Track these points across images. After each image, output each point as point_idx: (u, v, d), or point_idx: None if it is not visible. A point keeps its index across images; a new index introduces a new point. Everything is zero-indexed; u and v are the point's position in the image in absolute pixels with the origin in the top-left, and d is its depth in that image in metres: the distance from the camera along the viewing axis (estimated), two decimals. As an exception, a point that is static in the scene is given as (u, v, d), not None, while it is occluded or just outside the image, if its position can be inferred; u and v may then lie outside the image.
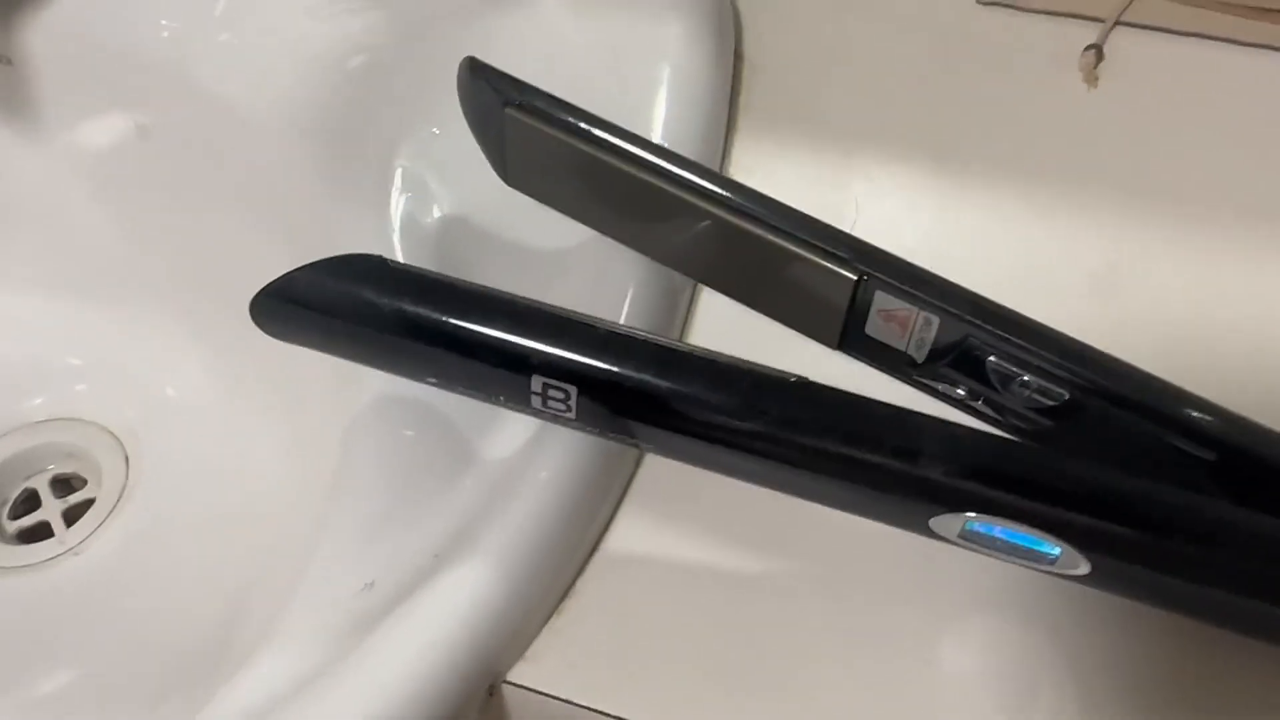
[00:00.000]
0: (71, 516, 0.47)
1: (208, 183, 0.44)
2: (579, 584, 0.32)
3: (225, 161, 0.43)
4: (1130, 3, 0.42)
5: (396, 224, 0.38)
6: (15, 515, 0.48)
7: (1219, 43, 0.42)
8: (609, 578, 0.32)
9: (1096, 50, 0.42)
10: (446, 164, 0.39)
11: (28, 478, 0.49)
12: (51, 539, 0.46)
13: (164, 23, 0.42)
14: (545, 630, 0.31)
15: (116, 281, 0.49)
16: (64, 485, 0.49)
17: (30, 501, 0.48)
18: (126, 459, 0.48)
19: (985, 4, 0.44)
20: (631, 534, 0.33)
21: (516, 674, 0.31)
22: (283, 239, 0.41)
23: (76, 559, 0.46)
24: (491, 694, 0.30)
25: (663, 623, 0.31)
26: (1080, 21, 0.43)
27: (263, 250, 0.43)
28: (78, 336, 0.50)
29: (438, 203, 0.38)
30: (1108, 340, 0.30)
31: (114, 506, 0.47)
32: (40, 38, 0.43)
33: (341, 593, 0.31)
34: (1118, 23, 0.42)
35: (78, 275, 0.49)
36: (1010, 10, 0.44)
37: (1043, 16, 0.44)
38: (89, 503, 0.47)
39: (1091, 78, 0.42)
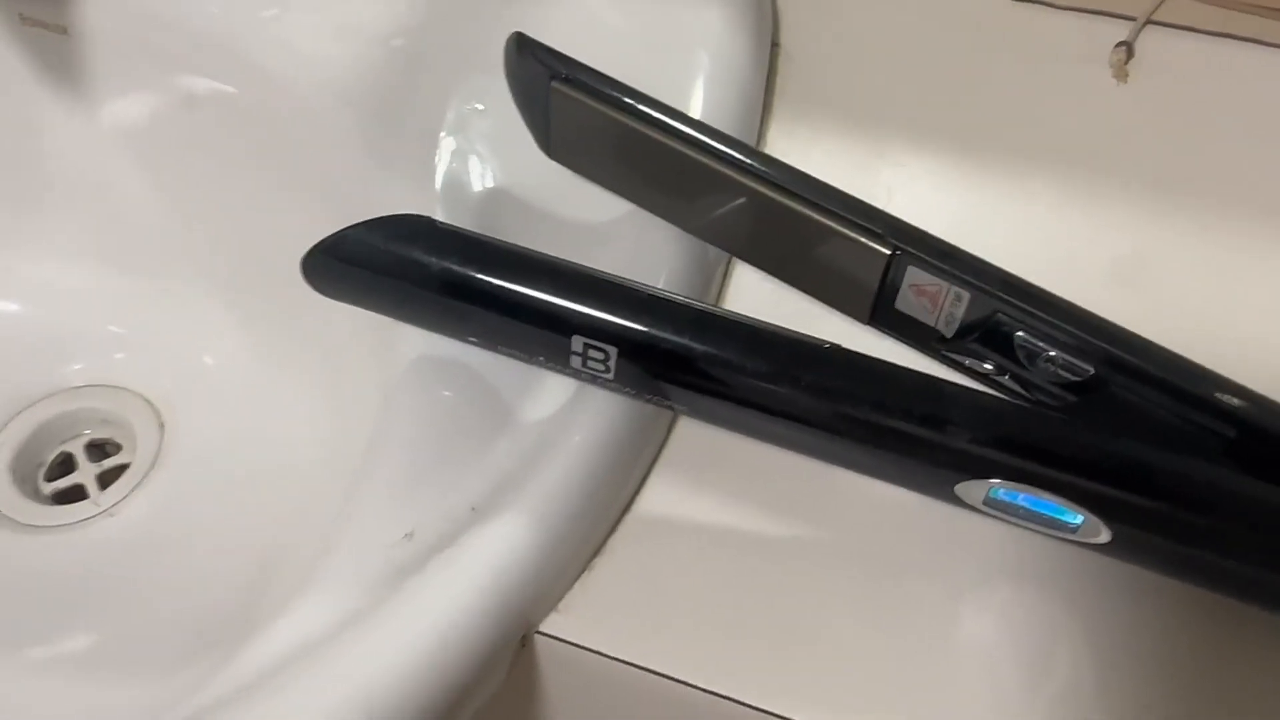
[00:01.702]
0: (106, 480, 0.48)
1: (252, 154, 0.45)
2: (610, 542, 0.33)
3: (270, 133, 0.44)
4: (1161, 2, 0.43)
5: (440, 195, 0.39)
6: (51, 478, 0.49)
7: (1247, 43, 0.42)
8: (640, 537, 0.33)
9: (1127, 47, 0.43)
10: (490, 138, 0.40)
11: (64, 441, 0.50)
12: (86, 501, 0.47)
13: (215, -4, 0.43)
14: (577, 585, 0.32)
15: (159, 251, 0.50)
16: (99, 450, 0.50)
17: (66, 465, 0.49)
18: (162, 425, 0.49)
19: (1018, 0, 0.45)
20: (663, 496, 0.34)
21: (549, 625, 0.31)
22: (326, 210, 0.42)
23: (110, 520, 0.47)
24: (524, 644, 0.31)
25: (690, 582, 0.32)
26: (1111, 19, 0.44)
27: (306, 221, 0.44)
28: (119, 304, 0.51)
29: (480, 175, 0.39)
30: (1129, 327, 0.30)
31: (148, 472, 0.48)
32: (95, 7, 0.44)
33: (381, 542, 0.31)
34: (1149, 21, 0.43)
35: (121, 244, 0.50)
36: (1043, 6, 0.45)
37: (1074, 13, 0.44)
38: (123, 467, 0.48)
39: (1122, 74, 0.42)
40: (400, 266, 0.31)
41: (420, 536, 0.32)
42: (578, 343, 0.31)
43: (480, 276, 0.31)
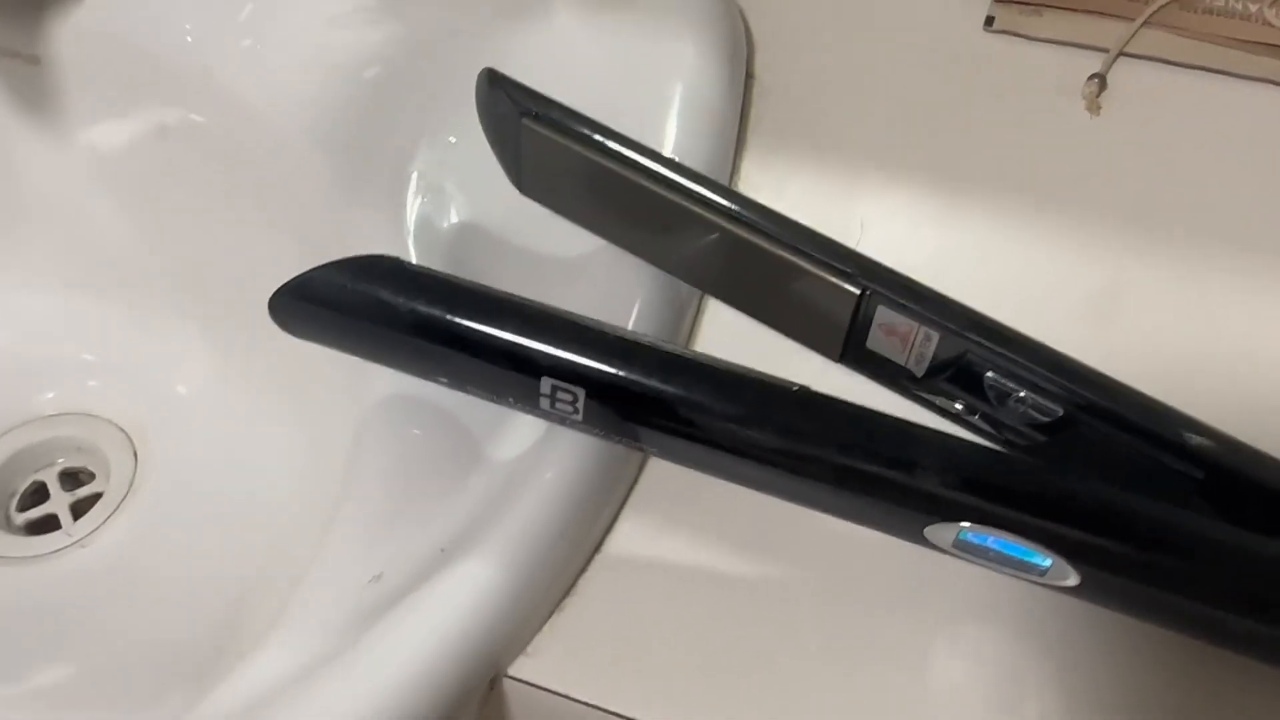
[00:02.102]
0: (79, 510, 0.48)
1: (225, 184, 0.45)
2: (580, 583, 0.33)
3: (243, 164, 0.43)
4: (1134, 34, 0.43)
5: (411, 229, 0.39)
6: (24, 507, 0.48)
7: (1218, 75, 0.43)
8: (610, 578, 0.33)
9: (1100, 79, 0.43)
10: (461, 171, 0.40)
11: (37, 470, 0.49)
12: (59, 531, 0.47)
13: (188, 26, 0.43)
14: (546, 627, 0.32)
15: (132, 280, 0.49)
16: (72, 479, 0.49)
17: (39, 494, 0.49)
18: (135, 454, 0.49)
19: (993, 31, 0.45)
20: (633, 536, 0.34)
21: (517, 668, 0.31)
22: (297, 241, 0.42)
23: (83, 551, 0.46)
24: (492, 687, 0.31)
25: (661, 622, 0.32)
26: (1085, 51, 0.44)
27: (277, 252, 0.44)
28: (92, 333, 0.50)
29: (452, 209, 0.39)
30: (1103, 362, 0.30)
31: (121, 501, 0.48)
32: (67, 37, 0.44)
33: (349, 584, 0.31)
34: (1121, 53, 0.43)
35: (94, 273, 0.50)
36: (1016, 38, 0.45)
37: (1048, 45, 0.45)
38: (96, 496, 0.48)
39: (1094, 106, 0.43)
40: (368, 308, 0.31)
41: (389, 578, 0.31)
42: (546, 384, 0.30)
43: (449, 318, 0.31)
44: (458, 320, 0.31)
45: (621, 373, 0.30)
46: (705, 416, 0.30)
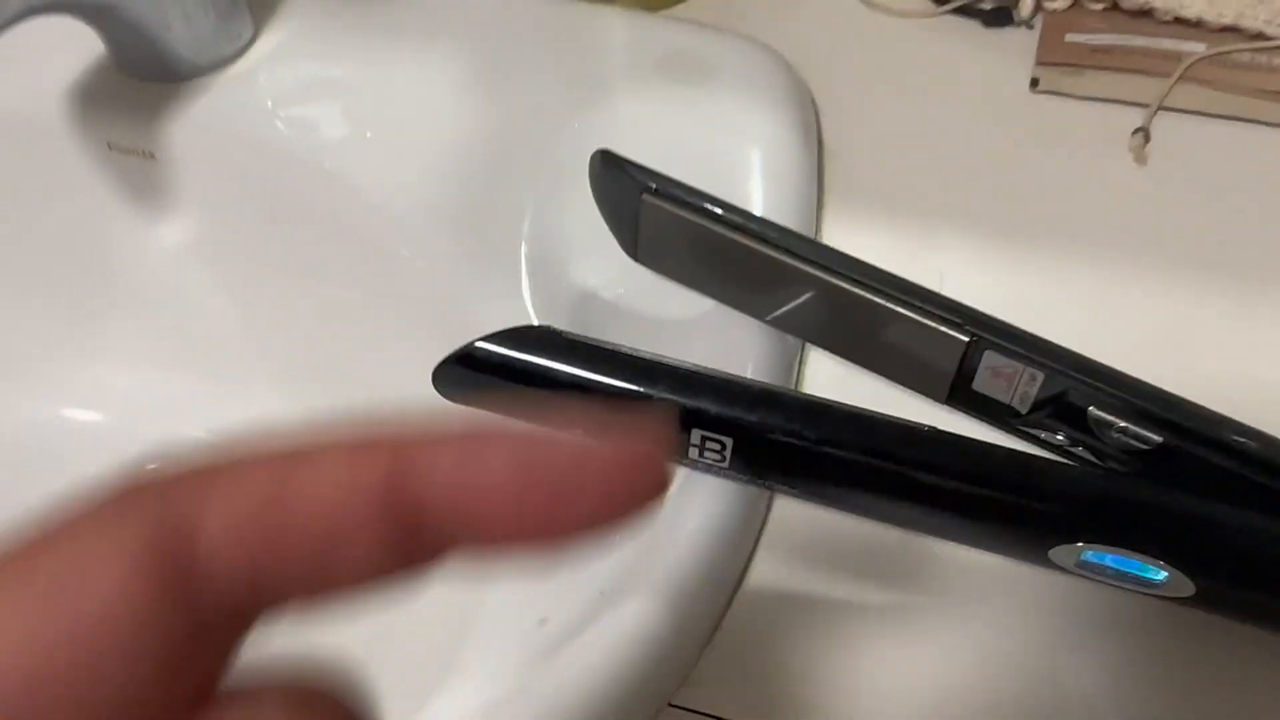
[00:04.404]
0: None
1: (335, 267, 0.48)
2: (726, 619, 0.36)
3: (357, 249, 0.46)
4: (1170, 90, 0.47)
5: (528, 300, 0.42)
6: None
7: (1253, 124, 0.46)
8: (752, 612, 0.36)
9: (1144, 132, 0.46)
10: (569, 243, 0.43)
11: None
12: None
13: (293, 119, 0.46)
14: (701, 660, 0.35)
15: (243, 366, 0.52)
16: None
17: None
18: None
19: (1038, 92, 0.49)
20: (769, 573, 0.37)
21: (678, 698, 0.34)
22: (416, 322, 0.45)
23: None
24: (657, 714, 0.34)
25: (801, 650, 0.35)
26: (1124, 106, 0.48)
27: (391, 335, 0.47)
28: (203, 417, 0.53)
29: (564, 279, 0.42)
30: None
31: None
32: (181, 134, 0.47)
33: (517, 629, 0.34)
34: (1160, 108, 0.47)
35: (202, 353, 0.52)
36: (1060, 97, 0.49)
37: (1090, 102, 0.48)
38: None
39: (1141, 157, 0.46)
40: (529, 374, 0.34)
41: (554, 623, 0.34)
42: (696, 435, 0.33)
43: (605, 381, 0.34)
44: (613, 382, 0.34)
45: (765, 419, 0.33)
46: (846, 457, 0.33)
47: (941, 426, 0.34)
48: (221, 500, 0.14)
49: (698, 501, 0.35)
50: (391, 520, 0.15)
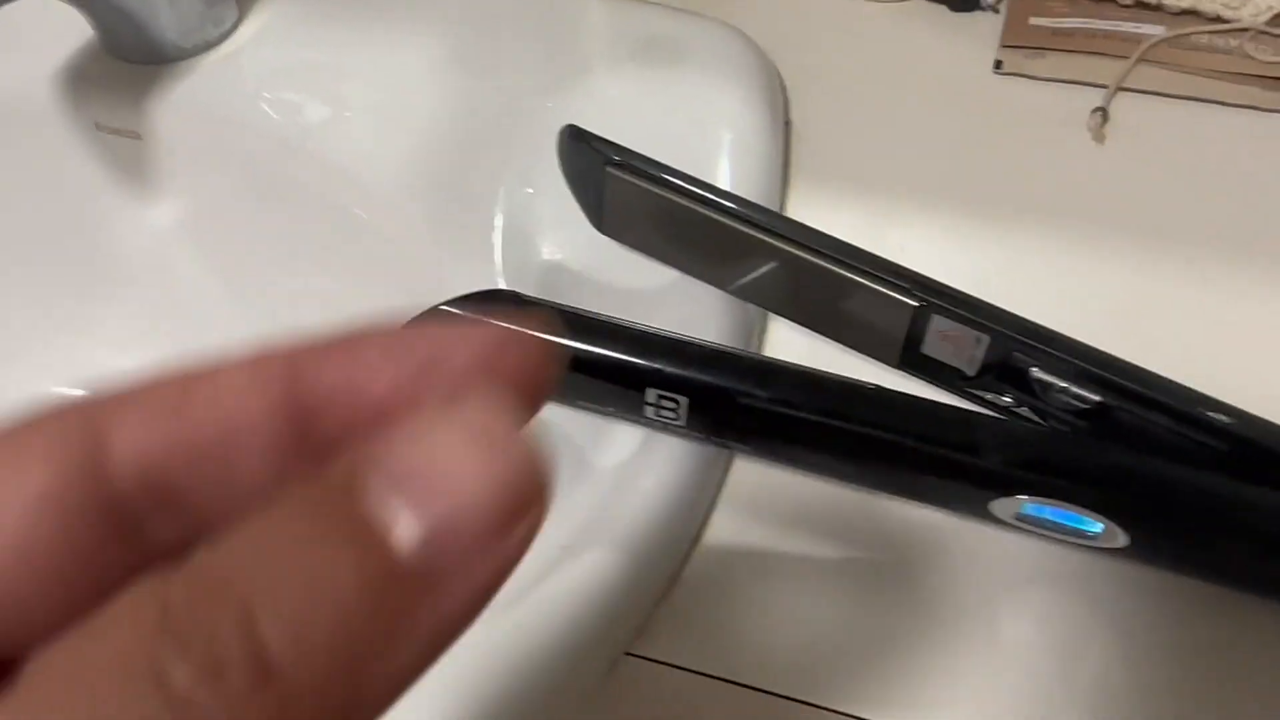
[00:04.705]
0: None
1: (317, 240, 0.49)
2: (684, 573, 0.37)
3: (339, 224, 0.48)
4: (1129, 71, 0.48)
5: (500, 269, 0.43)
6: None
7: (1208, 104, 0.48)
8: (709, 566, 0.37)
9: (1103, 112, 0.48)
10: (541, 216, 0.44)
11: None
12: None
13: (276, 100, 0.48)
14: (657, 612, 0.36)
15: (229, 340, 0.53)
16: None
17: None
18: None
19: (1001, 74, 0.50)
20: (726, 529, 0.38)
21: (634, 647, 0.35)
22: (394, 288, 0.46)
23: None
24: (613, 665, 0.35)
25: (756, 603, 0.36)
26: (1085, 88, 0.49)
27: (376, 298, 0.48)
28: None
29: (535, 250, 0.44)
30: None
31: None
32: (167, 114, 0.48)
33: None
34: (1119, 89, 0.48)
35: (188, 331, 0.54)
36: (1023, 79, 0.50)
37: (1052, 84, 0.50)
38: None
39: (1100, 136, 0.47)
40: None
41: (518, 572, 0.35)
42: (651, 394, 0.35)
43: (564, 342, 0.35)
44: (571, 344, 0.35)
45: (718, 379, 0.34)
46: (797, 415, 0.34)
47: (896, 389, 0.35)
48: (131, 413, 0.16)
49: (657, 460, 0.37)
50: (283, 419, 0.16)
